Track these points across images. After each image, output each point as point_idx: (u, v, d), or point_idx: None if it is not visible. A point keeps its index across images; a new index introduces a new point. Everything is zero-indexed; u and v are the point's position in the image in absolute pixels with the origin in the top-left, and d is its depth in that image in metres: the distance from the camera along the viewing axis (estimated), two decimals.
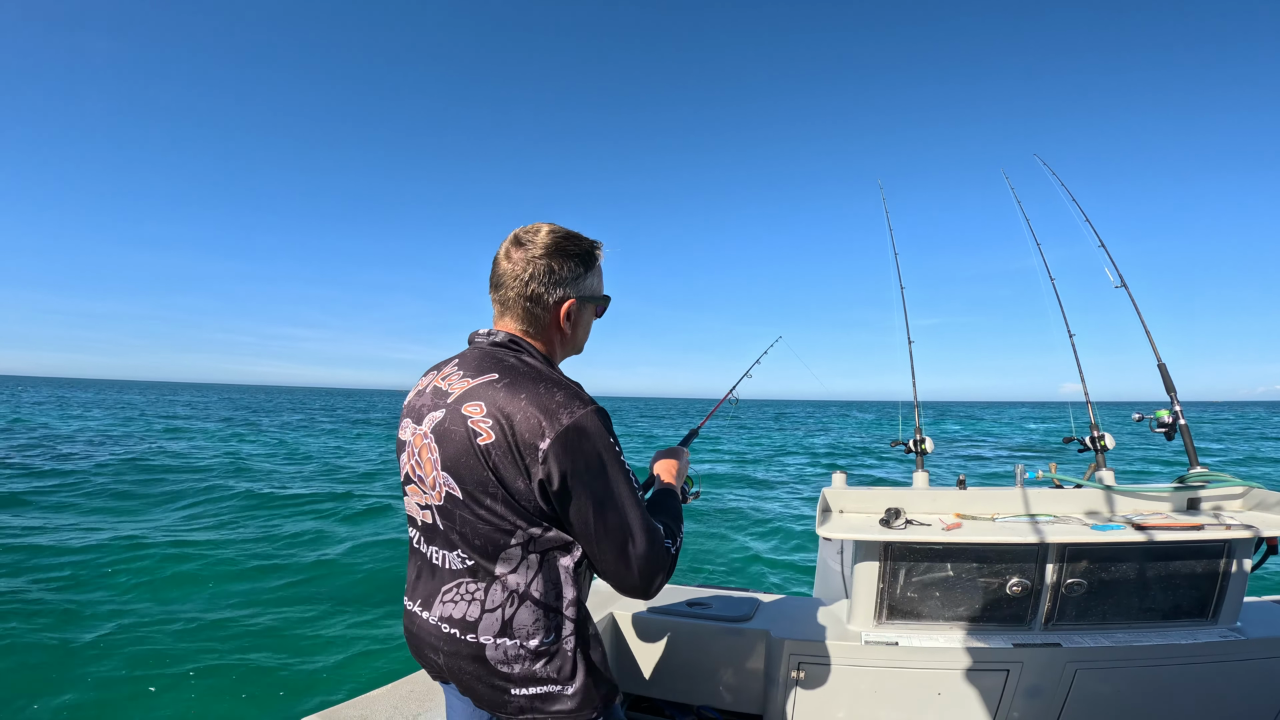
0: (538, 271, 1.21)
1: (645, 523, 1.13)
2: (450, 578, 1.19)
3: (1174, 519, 2.26)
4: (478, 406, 1.12)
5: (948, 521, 2.33)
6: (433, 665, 1.25)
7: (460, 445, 1.13)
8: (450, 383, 1.21)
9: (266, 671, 5.03)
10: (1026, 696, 2.20)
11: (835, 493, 2.54)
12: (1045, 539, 2.15)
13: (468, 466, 1.12)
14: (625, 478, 1.12)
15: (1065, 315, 2.89)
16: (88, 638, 5.53)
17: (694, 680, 2.47)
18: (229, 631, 5.78)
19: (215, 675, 4.92)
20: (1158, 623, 2.25)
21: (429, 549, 1.24)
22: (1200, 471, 2.44)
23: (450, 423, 1.15)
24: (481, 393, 1.14)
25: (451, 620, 1.17)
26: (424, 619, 1.23)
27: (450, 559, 1.19)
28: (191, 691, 4.68)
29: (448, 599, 1.19)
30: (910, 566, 2.31)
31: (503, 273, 1.24)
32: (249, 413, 50.55)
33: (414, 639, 1.27)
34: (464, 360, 1.24)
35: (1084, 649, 2.16)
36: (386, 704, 2.13)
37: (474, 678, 1.17)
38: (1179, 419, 2.55)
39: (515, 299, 1.23)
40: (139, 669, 4.99)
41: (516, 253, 1.22)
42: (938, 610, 2.32)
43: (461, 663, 1.17)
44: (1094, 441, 2.64)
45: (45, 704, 4.44)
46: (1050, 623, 2.26)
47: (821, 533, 2.33)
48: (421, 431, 1.20)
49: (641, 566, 1.11)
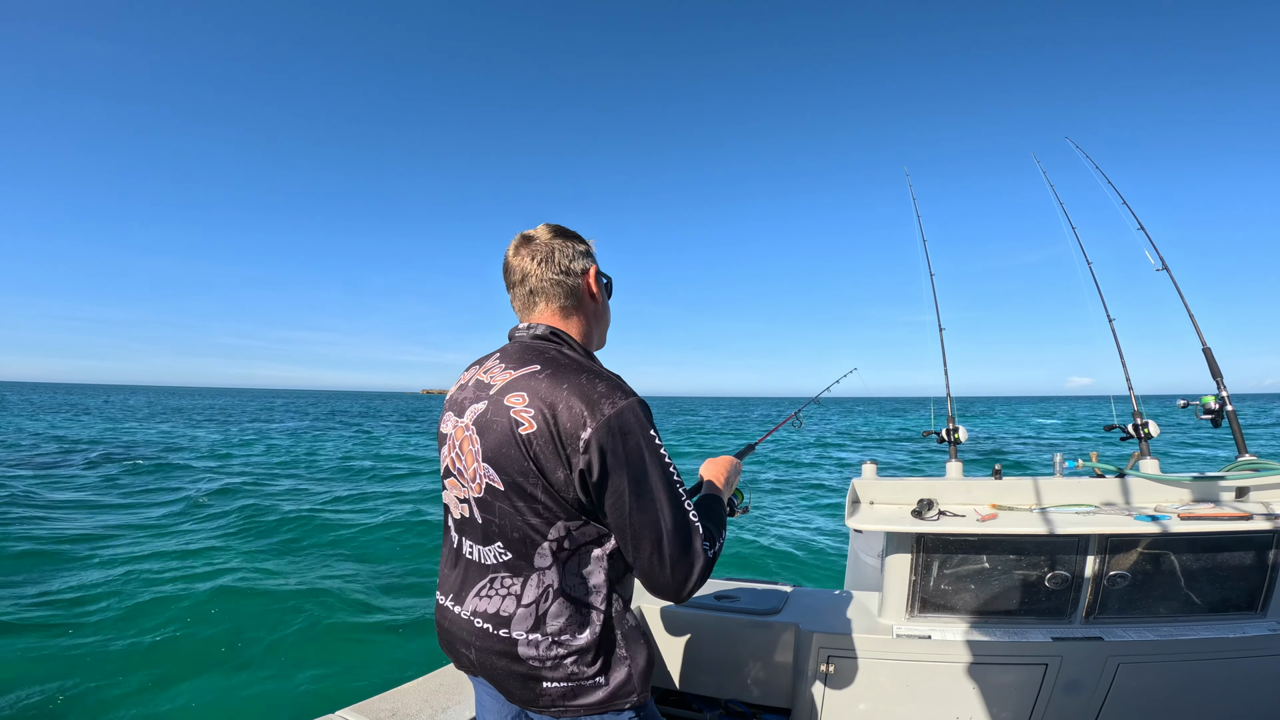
0: (555, 250, 1.26)
1: (682, 520, 1.08)
2: (484, 572, 1.19)
3: (1221, 509, 2.18)
4: (520, 397, 1.13)
5: (983, 512, 2.27)
6: (464, 660, 1.25)
7: (502, 436, 1.13)
8: (492, 375, 1.21)
9: (298, 664, 5.12)
10: (1066, 691, 2.14)
11: (865, 483, 2.49)
12: (1087, 530, 2.09)
13: (509, 457, 1.12)
14: (665, 472, 1.09)
15: (1104, 300, 2.80)
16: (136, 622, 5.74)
17: (721, 674, 2.45)
18: (262, 625, 5.90)
19: (246, 669, 5.02)
20: (1204, 616, 2.18)
21: (464, 543, 1.24)
22: (1248, 460, 2.35)
23: (493, 414, 1.15)
24: (524, 383, 1.14)
25: (485, 615, 1.17)
26: (456, 613, 1.23)
27: (485, 553, 1.19)
28: (220, 684, 4.77)
29: (481, 593, 1.19)
30: (944, 558, 2.26)
31: (516, 268, 1.27)
32: (318, 419, 49.03)
33: (445, 633, 1.27)
34: (505, 354, 1.25)
35: (1126, 643, 2.10)
36: (417, 697, 2.15)
37: (506, 673, 1.16)
38: (1226, 404, 2.46)
39: (545, 279, 1.25)
40: (170, 663, 5.12)
41: (526, 247, 1.26)
42: (972, 603, 2.27)
43: (494, 658, 1.17)
44: (1137, 429, 2.55)
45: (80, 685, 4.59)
46: (1091, 616, 2.20)
47: (851, 524, 2.29)
48: (463, 424, 1.20)
49: (674, 566, 1.07)
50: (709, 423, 51.56)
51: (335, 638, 5.68)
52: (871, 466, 2.56)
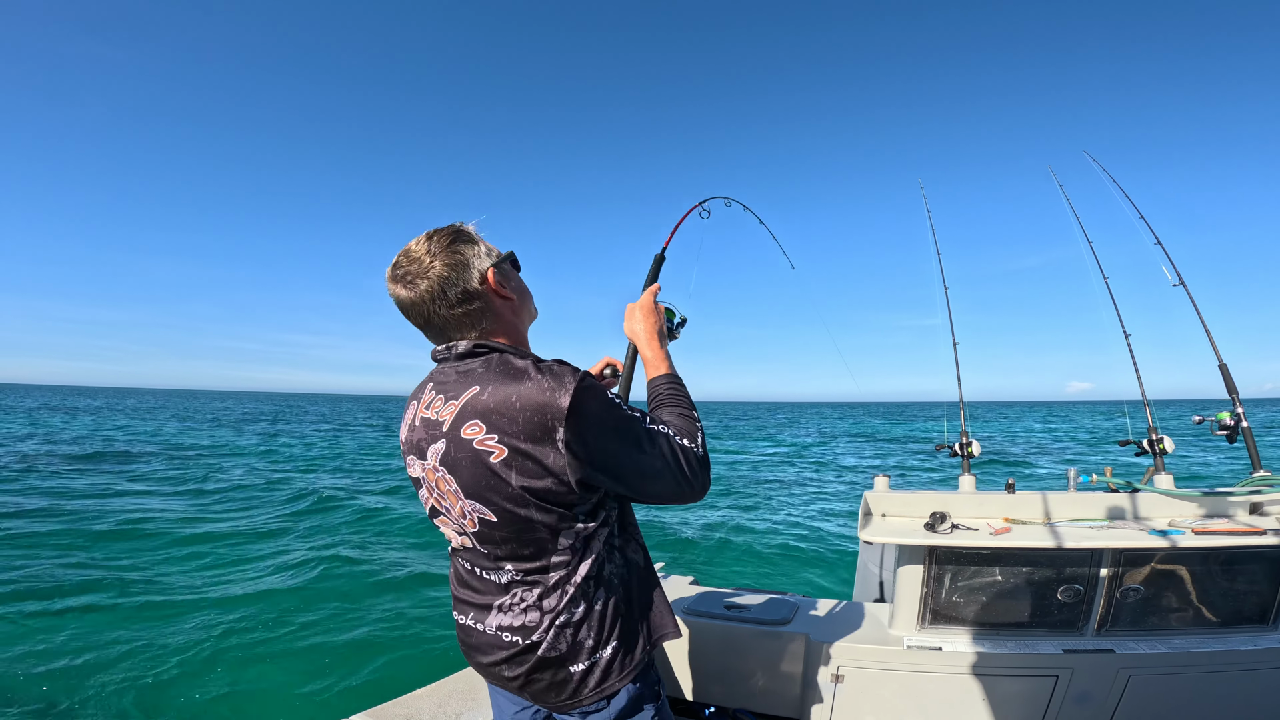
0: (444, 278, 1.14)
1: (669, 447, 1.13)
2: (502, 591, 1.18)
3: (1235, 524, 2.19)
4: (476, 426, 1.08)
5: (996, 526, 2.27)
6: (494, 675, 1.24)
7: (476, 470, 1.09)
8: (436, 410, 1.16)
9: (312, 669, 5.12)
10: (1076, 703, 2.15)
11: (877, 496, 2.50)
12: (1101, 544, 2.10)
13: (491, 487, 1.09)
14: (633, 420, 1.11)
15: (1120, 316, 2.79)
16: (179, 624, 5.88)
17: (731, 683, 2.45)
18: (282, 628, 5.92)
19: (262, 676, 5.02)
20: (1215, 629, 2.19)
21: (474, 568, 1.22)
22: (1263, 476, 2.35)
23: (455, 451, 1.11)
24: (471, 412, 1.09)
25: (512, 629, 1.17)
26: (479, 630, 1.22)
27: (499, 574, 1.18)
28: (234, 688, 4.79)
29: (504, 609, 1.18)
30: (956, 571, 2.26)
31: (413, 307, 1.17)
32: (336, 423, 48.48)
33: (471, 650, 1.26)
34: (438, 384, 1.19)
35: (1138, 655, 2.11)
36: (431, 703, 2.17)
37: (541, 682, 1.17)
38: (1241, 421, 2.46)
39: (451, 316, 1.16)
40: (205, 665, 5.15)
41: (408, 288, 1.15)
42: (984, 616, 2.27)
43: (527, 669, 1.17)
44: (1152, 445, 2.54)
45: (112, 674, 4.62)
46: (1103, 628, 2.21)
47: (863, 536, 2.29)
48: (429, 466, 1.16)
49: (687, 482, 1.14)
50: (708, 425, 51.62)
51: (345, 641, 5.69)
52: (884, 479, 2.57)
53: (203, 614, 6.11)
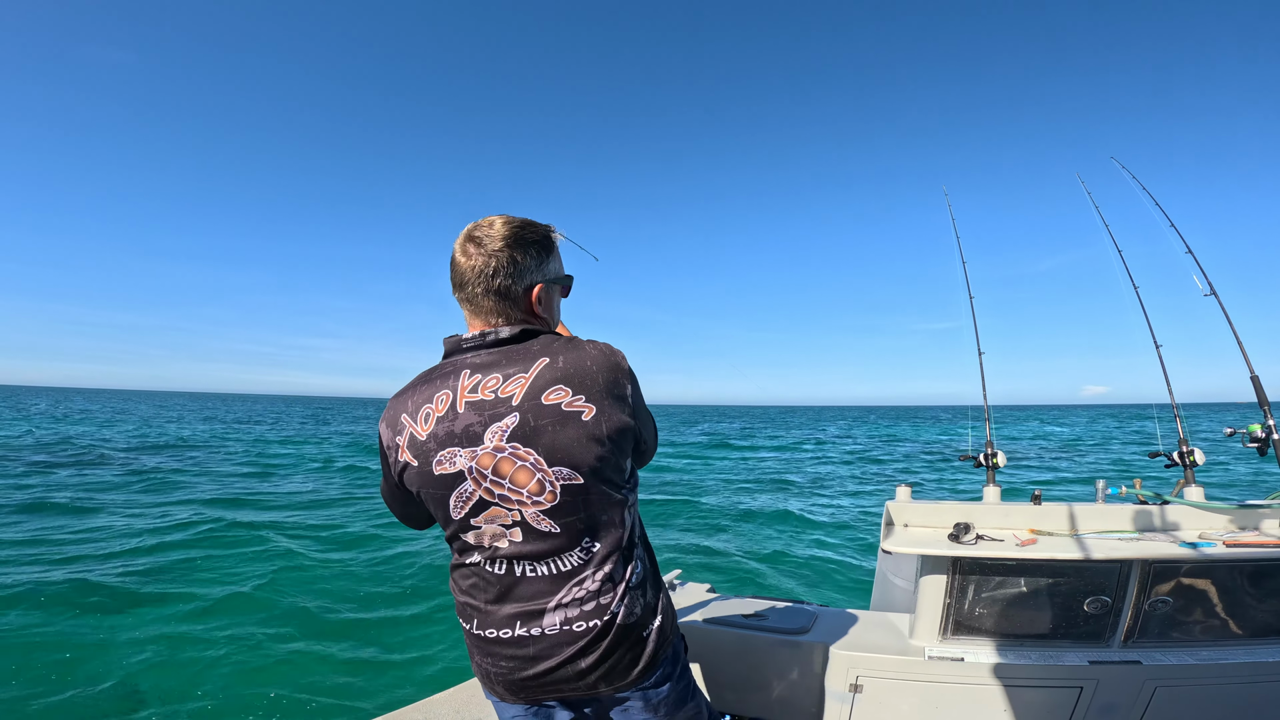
0: (501, 264, 1.18)
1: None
2: (561, 581, 1.16)
3: (1267, 536, 2.15)
4: (561, 391, 1.12)
5: (1022, 537, 2.24)
6: (557, 679, 1.17)
7: (567, 432, 1.11)
8: (492, 390, 1.13)
9: (330, 673, 5.13)
10: (1100, 714, 2.12)
11: (900, 506, 2.47)
12: (1129, 555, 2.07)
13: (583, 446, 1.12)
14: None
15: (1151, 326, 2.74)
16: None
17: (748, 692, 2.44)
18: (299, 632, 5.94)
19: (279, 681, 5.03)
20: (1244, 640, 2.16)
21: (523, 567, 1.16)
22: None
23: (536, 419, 1.10)
24: (550, 379, 1.13)
25: (583, 614, 1.15)
26: (536, 636, 1.16)
27: (555, 563, 1.15)
28: (250, 692, 4.80)
29: (569, 598, 1.15)
30: (980, 581, 2.23)
31: (464, 271, 1.19)
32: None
33: (528, 663, 1.17)
34: (486, 366, 1.16)
35: (1165, 666, 2.08)
36: (448, 708, 2.16)
37: (617, 660, 1.18)
38: (1272, 433, 2.41)
39: (483, 295, 1.19)
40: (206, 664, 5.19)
41: (475, 249, 1.18)
42: (1008, 627, 2.25)
43: (604, 648, 1.16)
44: (1183, 457, 2.50)
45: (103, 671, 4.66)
46: (1130, 640, 2.18)
47: (886, 547, 2.27)
48: (489, 449, 1.11)
49: (653, 452, 1.33)
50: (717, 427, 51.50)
51: (365, 645, 5.71)
52: (906, 489, 2.54)
53: (230, 617, 6.17)
